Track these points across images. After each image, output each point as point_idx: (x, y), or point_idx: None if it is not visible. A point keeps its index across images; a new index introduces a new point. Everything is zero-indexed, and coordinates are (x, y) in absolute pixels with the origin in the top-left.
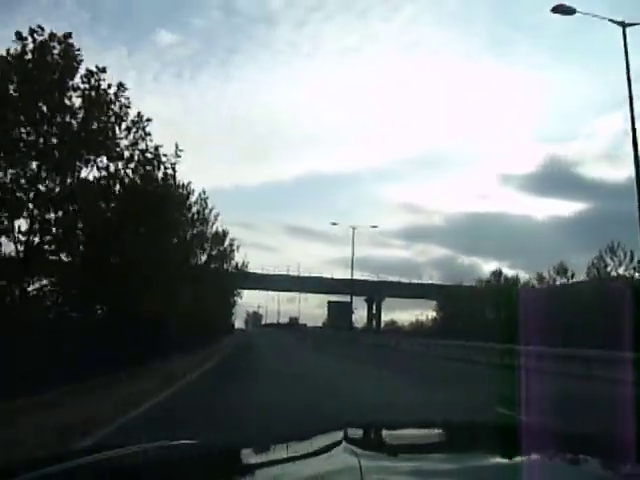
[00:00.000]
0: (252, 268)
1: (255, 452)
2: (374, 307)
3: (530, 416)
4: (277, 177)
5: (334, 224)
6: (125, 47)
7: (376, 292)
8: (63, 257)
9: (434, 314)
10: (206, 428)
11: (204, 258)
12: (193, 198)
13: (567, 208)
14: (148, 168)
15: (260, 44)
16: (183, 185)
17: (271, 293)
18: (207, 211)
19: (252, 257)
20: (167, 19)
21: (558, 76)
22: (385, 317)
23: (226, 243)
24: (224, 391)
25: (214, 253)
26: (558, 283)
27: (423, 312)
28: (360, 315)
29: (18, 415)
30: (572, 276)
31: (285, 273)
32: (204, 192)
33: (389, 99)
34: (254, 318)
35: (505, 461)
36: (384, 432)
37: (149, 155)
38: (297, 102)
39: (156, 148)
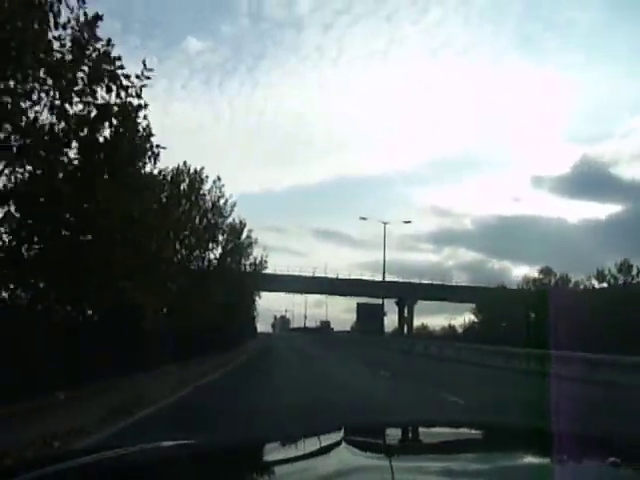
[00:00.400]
0: (278, 270)
1: (253, 453)
2: (405, 310)
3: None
4: (305, 181)
5: (363, 219)
6: (155, 56)
7: (407, 294)
8: None
9: (472, 318)
10: None
11: (218, 251)
12: (207, 186)
13: (602, 210)
14: (98, 89)
15: (287, 49)
16: (195, 171)
17: (299, 297)
18: (222, 200)
19: (280, 261)
20: (196, 27)
21: (590, 75)
22: (415, 321)
23: (243, 236)
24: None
25: (230, 247)
26: (621, 282)
27: (453, 316)
28: (391, 319)
29: None
30: (637, 274)
31: (311, 275)
32: (219, 179)
33: (417, 102)
34: (281, 322)
35: (512, 463)
36: (383, 432)
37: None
38: (324, 106)
39: (111, 59)
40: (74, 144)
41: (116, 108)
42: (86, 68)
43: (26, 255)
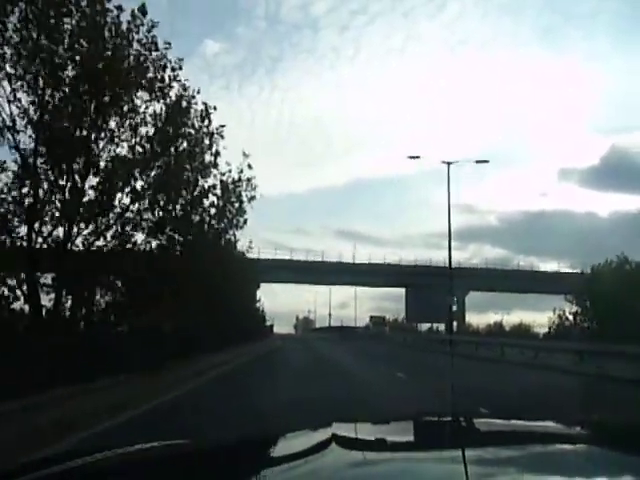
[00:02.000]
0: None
1: (245, 451)
2: (454, 303)
3: None
4: (324, 182)
5: (415, 157)
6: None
7: (456, 284)
8: None
9: (565, 309)
10: None
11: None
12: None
13: (634, 203)
14: None
15: (304, 50)
16: None
17: (322, 298)
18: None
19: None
20: (213, 31)
21: (617, 64)
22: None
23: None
24: None
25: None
26: None
27: (503, 311)
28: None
29: None
30: None
31: (337, 260)
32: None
33: (436, 99)
34: (304, 323)
35: (514, 454)
36: (374, 429)
37: None
38: (343, 106)
39: None
40: None
41: None
42: None
43: None
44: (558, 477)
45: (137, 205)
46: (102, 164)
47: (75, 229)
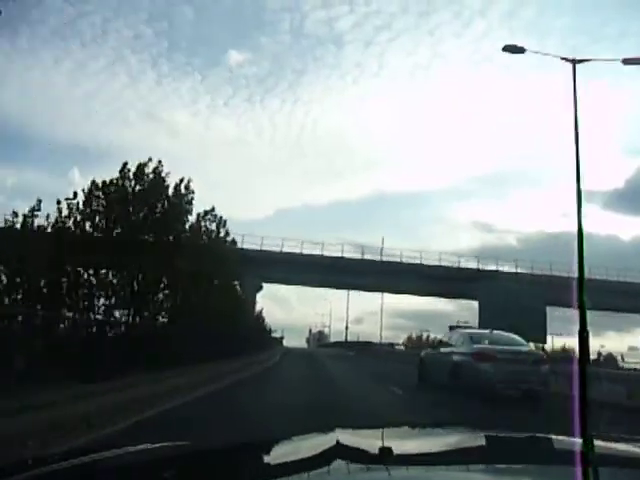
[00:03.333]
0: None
1: (246, 456)
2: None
3: None
4: (345, 196)
5: (516, 51)
6: (199, 73)
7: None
8: None
9: None
10: None
11: None
12: None
13: None
14: None
15: (328, 65)
16: None
17: (338, 311)
18: None
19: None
20: (238, 43)
21: None
22: None
23: None
24: None
25: None
26: None
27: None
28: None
29: None
30: None
31: (359, 257)
32: None
33: (460, 116)
34: (318, 337)
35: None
36: (378, 437)
37: None
38: (366, 121)
39: None
40: None
41: None
42: None
43: None
44: None
45: None
46: None
47: None
